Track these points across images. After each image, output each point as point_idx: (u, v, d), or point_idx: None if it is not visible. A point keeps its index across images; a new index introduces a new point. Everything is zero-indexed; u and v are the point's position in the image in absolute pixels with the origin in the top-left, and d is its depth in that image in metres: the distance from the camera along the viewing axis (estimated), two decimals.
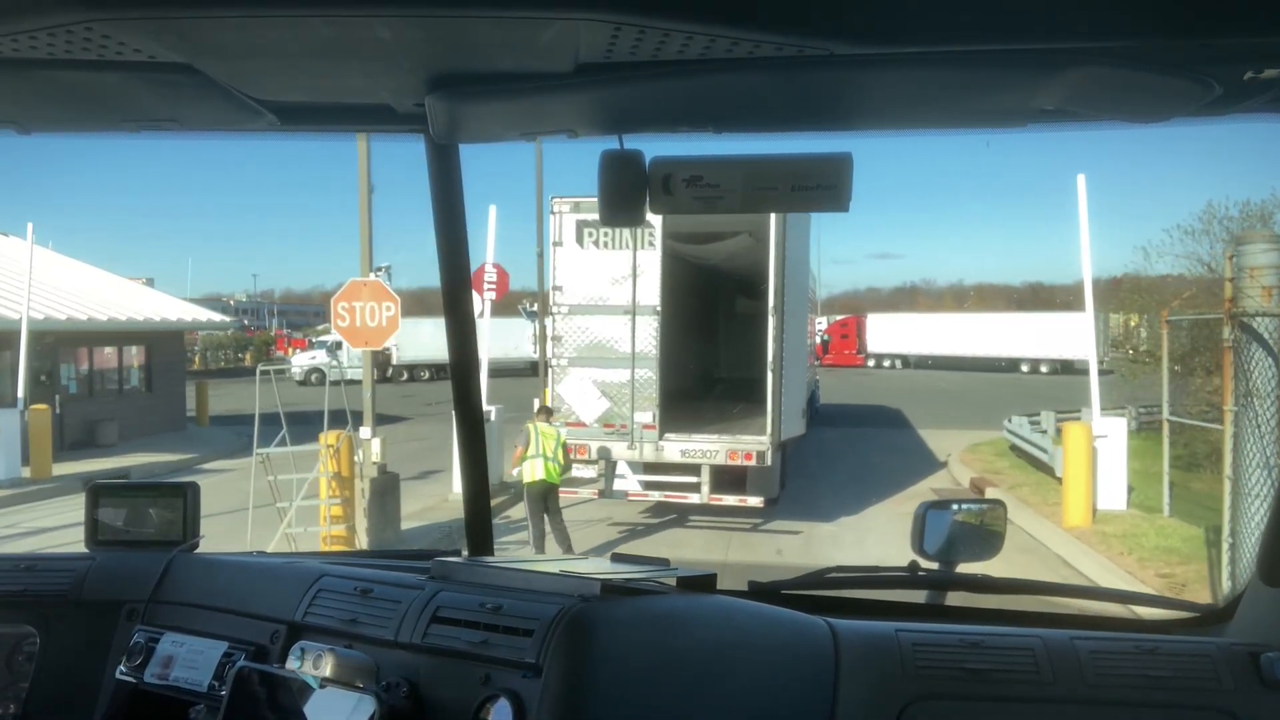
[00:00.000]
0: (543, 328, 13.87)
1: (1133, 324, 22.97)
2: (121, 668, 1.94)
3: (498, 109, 1.43)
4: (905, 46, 1.17)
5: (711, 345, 18.78)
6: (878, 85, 1.34)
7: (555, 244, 12.07)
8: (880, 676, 1.55)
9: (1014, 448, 18.86)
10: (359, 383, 12.91)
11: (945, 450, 19.72)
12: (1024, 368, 46.64)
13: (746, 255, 13.98)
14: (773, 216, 11.47)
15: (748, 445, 11.75)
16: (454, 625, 1.61)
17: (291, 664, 1.49)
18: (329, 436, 11.02)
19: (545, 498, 10.82)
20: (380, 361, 43.25)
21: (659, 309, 11.94)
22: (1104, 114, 1.44)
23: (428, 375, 44.41)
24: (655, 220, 11.51)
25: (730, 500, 12.04)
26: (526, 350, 36.40)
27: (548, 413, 11.41)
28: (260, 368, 12.40)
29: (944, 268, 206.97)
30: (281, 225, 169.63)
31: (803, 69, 1.23)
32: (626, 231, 11.65)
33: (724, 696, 1.48)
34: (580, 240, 11.99)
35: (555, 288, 12.10)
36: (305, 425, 11.81)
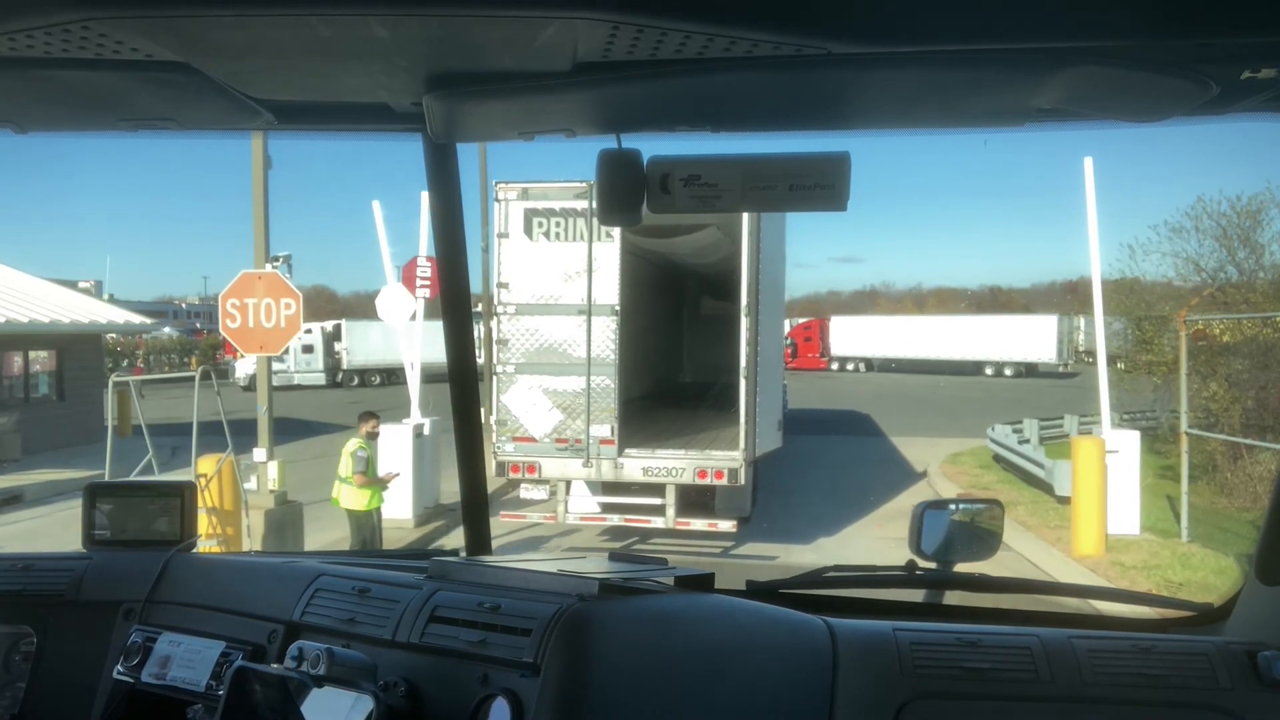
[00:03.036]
0: (487, 330, 12.45)
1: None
2: (119, 667, 2.00)
3: (495, 108, 1.47)
4: (903, 46, 1.21)
5: (677, 349, 18.06)
6: (876, 85, 1.38)
7: (500, 235, 11.25)
8: (878, 675, 1.59)
9: (997, 458, 18.20)
10: (305, 388, 11.33)
11: (922, 460, 19.19)
12: (988, 370, 47.20)
13: (715, 250, 13.29)
14: None
15: (718, 462, 10.89)
16: (452, 625, 1.66)
17: (289, 664, 1.52)
18: (205, 462, 9.57)
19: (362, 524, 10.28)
20: (330, 366, 43.97)
21: (617, 309, 11.00)
22: (1102, 113, 1.49)
23: (379, 380, 42.73)
24: None
25: (699, 524, 11.22)
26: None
27: (372, 418, 10.61)
28: (114, 379, 10.83)
29: (902, 271, 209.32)
30: (233, 227, 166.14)
31: (801, 68, 1.27)
32: (580, 222, 11.01)
33: (722, 695, 1.53)
34: (529, 231, 11.09)
35: (500, 285, 11.27)
36: (249, 437, 10.76)
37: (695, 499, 11.50)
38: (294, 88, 1.45)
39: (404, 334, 14.15)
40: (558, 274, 10.91)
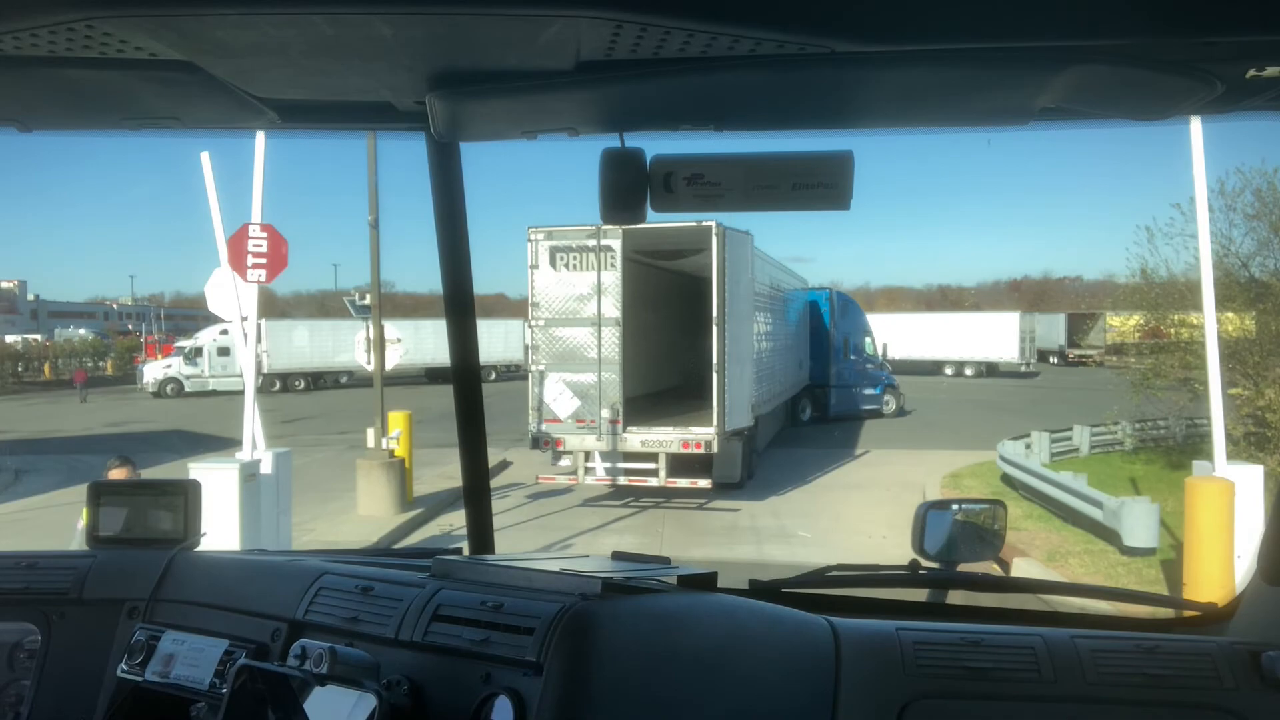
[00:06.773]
0: (379, 330, 13.30)
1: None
2: (123, 666, 1.84)
3: (499, 107, 1.37)
4: (907, 44, 1.11)
5: (667, 350, 20.06)
6: (879, 83, 1.27)
7: (532, 267, 13.11)
8: (881, 675, 1.47)
9: (1008, 479, 14.05)
10: (220, 394, 8.23)
11: (914, 480, 15.02)
12: (948, 370, 41.91)
13: (696, 269, 14.97)
14: (714, 236, 12.62)
15: (697, 435, 13.03)
16: (455, 623, 1.52)
17: (292, 662, 1.40)
18: None
19: None
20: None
21: (620, 321, 13.10)
22: (1106, 112, 1.39)
23: (303, 385, 36.21)
24: (615, 244, 12.73)
25: (683, 483, 13.22)
26: (352, 357, 20.89)
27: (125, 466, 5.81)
28: None
29: (850, 270, 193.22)
30: (170, 225, 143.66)
31: (804, 67, 1.17)
32: (592, 255, 12.91)
33: (725, 695, 1.40)
34: (553, 264, 13.09)
35: (532, 304, 13.27)
36: (149, 452, 9.48)
37: (694, 465, 13.43)
38: (298, 86, 1.34)
39: (237, 333, 10.46)
40: (575, 295, 13.04)
